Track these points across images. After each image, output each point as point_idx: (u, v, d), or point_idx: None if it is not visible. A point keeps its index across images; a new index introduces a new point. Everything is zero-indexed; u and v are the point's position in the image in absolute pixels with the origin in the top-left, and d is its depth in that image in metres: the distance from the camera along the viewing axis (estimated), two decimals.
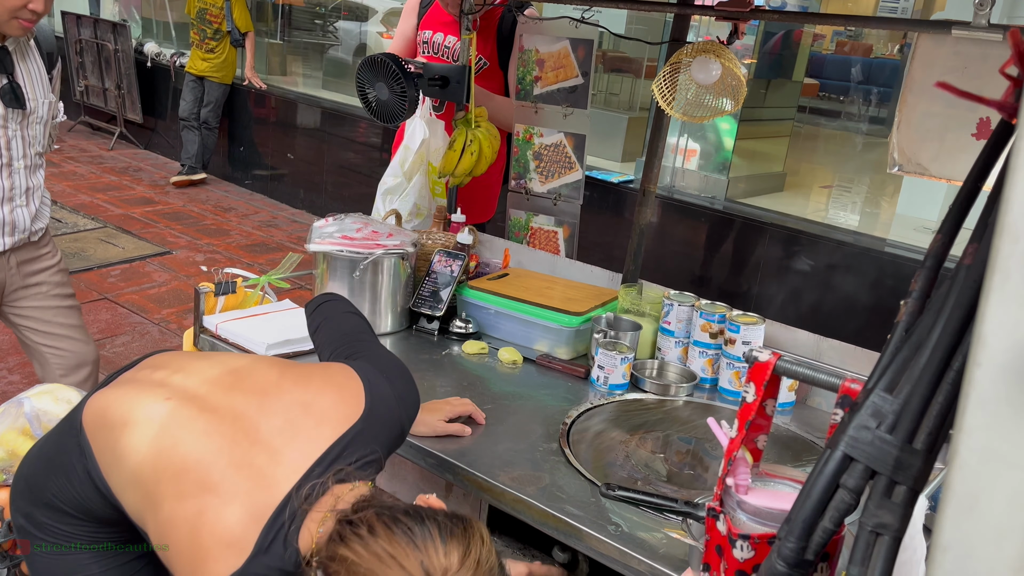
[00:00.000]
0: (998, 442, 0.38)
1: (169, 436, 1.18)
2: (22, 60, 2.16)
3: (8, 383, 3.53)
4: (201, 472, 1.13)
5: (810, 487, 0.75)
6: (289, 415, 1.20)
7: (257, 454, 1.15)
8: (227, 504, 1.10)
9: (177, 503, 1.12)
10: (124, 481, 1.21)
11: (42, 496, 1.34)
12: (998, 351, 0.37)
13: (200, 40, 6.61)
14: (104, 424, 1.27)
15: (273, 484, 1.12)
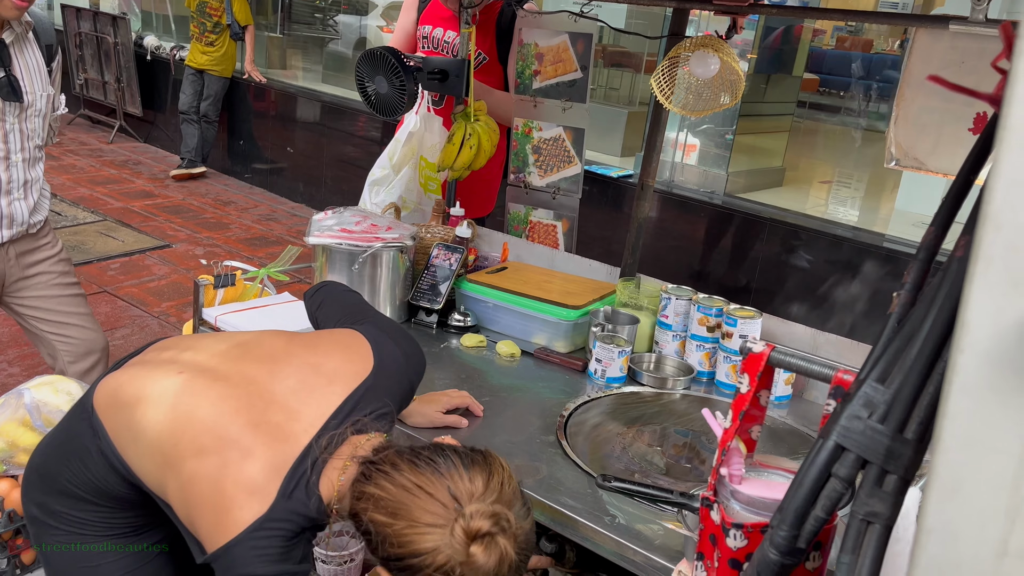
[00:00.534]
0: (981, 427, 0.39)
1: (184, 404, 1.21)
2: (20, 53, 2.15)
3: (8, 375, 3.54)
4: (220, 430, 1.16)
5: (802, 476, 0.76)
6: (301, 376, 1.24)
7: (274, 413, 1.18)
8: (248, 456, 1.13)
9: (198, 460, 1.14)
10: (142, 453, 1.23)
11: (56, 483, 1.34)
12: (981, 337, 0.38)
13: (200, 33, 6.61)
14: (117, 404, 1.29)
15: (292, 437, 1.16)
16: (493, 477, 1.10)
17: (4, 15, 2.06)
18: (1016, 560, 0.39)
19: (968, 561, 0.40)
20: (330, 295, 1.63)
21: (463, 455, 1.12)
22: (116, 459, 1.27)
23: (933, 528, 0.41)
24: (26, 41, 2.18)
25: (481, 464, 1.11)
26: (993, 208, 0.37)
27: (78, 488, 1.32)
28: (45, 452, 1.40)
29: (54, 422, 1.74)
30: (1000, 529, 0.39)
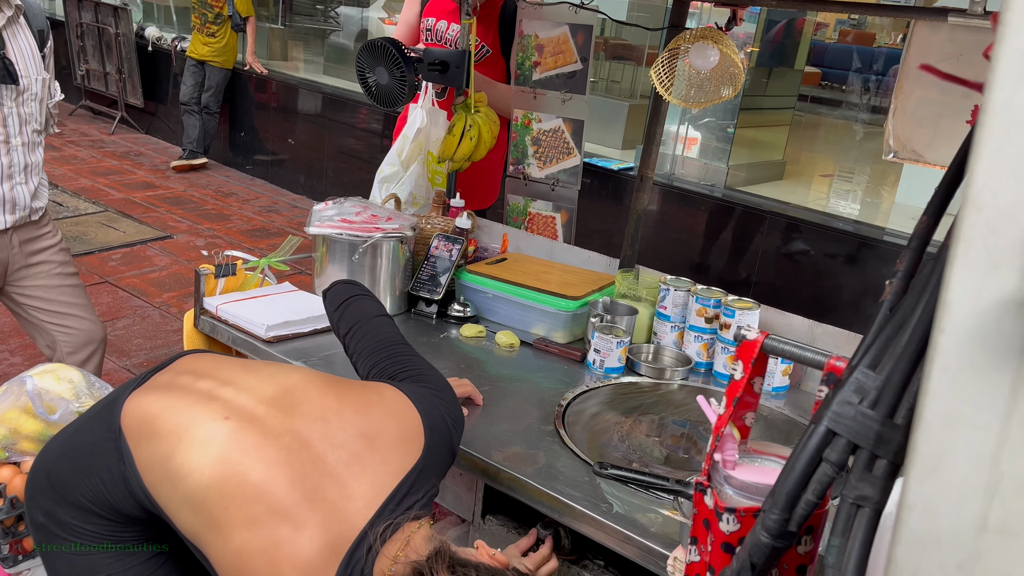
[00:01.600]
0: (961, 404, 0.39)
1: (235, 462, 1.16)
2: (12, 38, 2.17)
3: (10, 364, 3.55)
4: (274, 501, 1.12)
5: (794, 461, 0.77)
6: (355, 448, 1.20)
7: (329, 487, 1.14)
8: (303, 534, 1.09)
9: (250, 532, 1.10)
10: (179, 500, 1.19)
11: (68, 496, 1.30)
12: (961, 317, 0.39)
13: (201, 24, 6.61)
14: (150, 434, 1.25)
15: (348, 518, 1.12)
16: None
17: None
18: (995, 535, 0.40)
19: (948, 536, 0.41)
20: (362, 323, 1.57)
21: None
22: (142, 492, 1.23)
23: (914, 504, 0.42)
24: (18, 26, 2.19)
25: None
26: (974, 190, 0.37)
27: (92, 503, 1.29)
28: (60, 460, 1.34)
29: (56, 409, 1.75)
30: (979, 505, 0.40)
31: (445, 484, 1.70)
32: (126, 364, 3.72)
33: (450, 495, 1.70)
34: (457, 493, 1.68)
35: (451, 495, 1.70)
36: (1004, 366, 0.38)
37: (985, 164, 0.37)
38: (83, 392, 1.84)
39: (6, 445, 1.76)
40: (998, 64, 0.36)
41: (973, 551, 0.41)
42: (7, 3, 2.14)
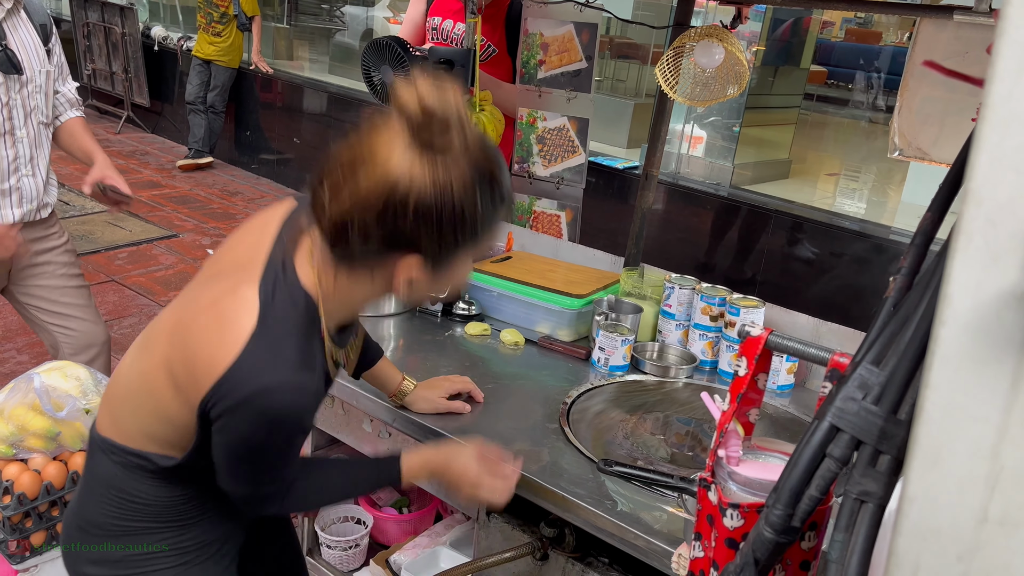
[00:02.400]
0: (961, 396, 0.40)
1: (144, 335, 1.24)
2: (14, 29, 2.19)
3: (17, 363, 3.57)
4: (181, 301, 1.19)
5: (797, 456, 0.77)
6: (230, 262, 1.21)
7: (227, 270, 1.17)
8: (216, 290, 1.12)
9: (178, 312, 1.17)
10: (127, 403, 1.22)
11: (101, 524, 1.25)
12: (962, 310, 0.39)
13: (207, 24, 6.62)
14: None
15: (250, 263, 1.13)
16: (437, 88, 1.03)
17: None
18: (995, 526, 0.40)
19: (949, 528, 0.41)
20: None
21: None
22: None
23: (915, 496, 0.42)
24: (18, 19, 2.21)
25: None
26: (974, 184, 0.38)
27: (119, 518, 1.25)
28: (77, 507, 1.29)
29: (63, 406, 1.76)
30: (980, 496, 0.40)
31: None
32: None
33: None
34: None
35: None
36: (1004, 358, 0.38)
37: (985, 158, 0.37)
38: (90, 389, 1.85)
39: (14, 442, 1.77)
40: (998, 58, 0.36)
41: (973, 542, 0.41)
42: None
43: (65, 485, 1.80)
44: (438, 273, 1.10)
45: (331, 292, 1.12)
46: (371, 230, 1.02)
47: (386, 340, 2.06)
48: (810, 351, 0.84)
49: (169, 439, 1.17)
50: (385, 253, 1.06)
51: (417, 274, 1.08)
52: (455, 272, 1.12)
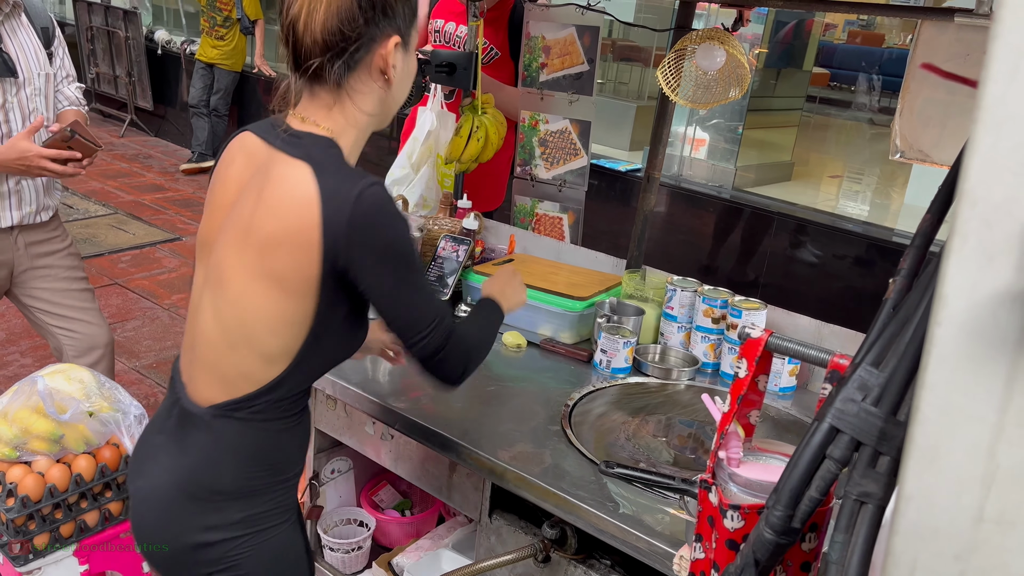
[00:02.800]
0: (957, 396, 0.40)
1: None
2: (12, 33, 2.20)
3: (20, 366, 3.58)
4: (232, 218, 1.24)
5: (797, 458, 0.77)
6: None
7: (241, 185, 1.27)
8: (261, 180, 1.22)
9: (232, 236, 1.22)
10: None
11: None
12: (957, 310, 0.39)
13: (210, 27, 6.64)
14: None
15: (264, 157, 1.24)
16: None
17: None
18: (992, 525, 0.40)
19: (946, 527, 0.42)
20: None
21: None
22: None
23: (912, 495, 0.42)
24: (18, 23, 2.23)
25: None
26: (968, 185, 0.38)
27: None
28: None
29: (67, 409, 1.77)
30: (976, 496, 0.40)
31: (452, 483, 1.71)
32: (136, 365, 3.74)
33: (457, 494, 1.71)
34: (464, 492, 1.69)
35: (458, 494, 1.71)
36: (1000, 358, 0.39)
37: (979, 159, 0.38)
38: (93, 392, 1.85)
39: (17, 445, 1.78)
40: (992, 60, 0.37)
41: (970, 542, 0.41)
42: (5, 1, 2.18)
43: (68, 488, 1.80)
44: (407, 51, 1.24)
45: (341, 126, 1.23)
46: (357, 22, 1.15)
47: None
48: (810, 353, 0.84)
49: (273, 354, 1.21)
50: (372, 42, 1.18)
51: (399, 54, 1.21)
52: (412, 55, 1.26)
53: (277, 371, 1.22)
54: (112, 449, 1.88)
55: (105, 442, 1.88)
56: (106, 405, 1.85)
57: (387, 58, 1.19)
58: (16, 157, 2.09)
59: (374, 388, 1.77)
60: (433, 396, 1.76)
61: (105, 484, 1.87)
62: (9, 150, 2.09)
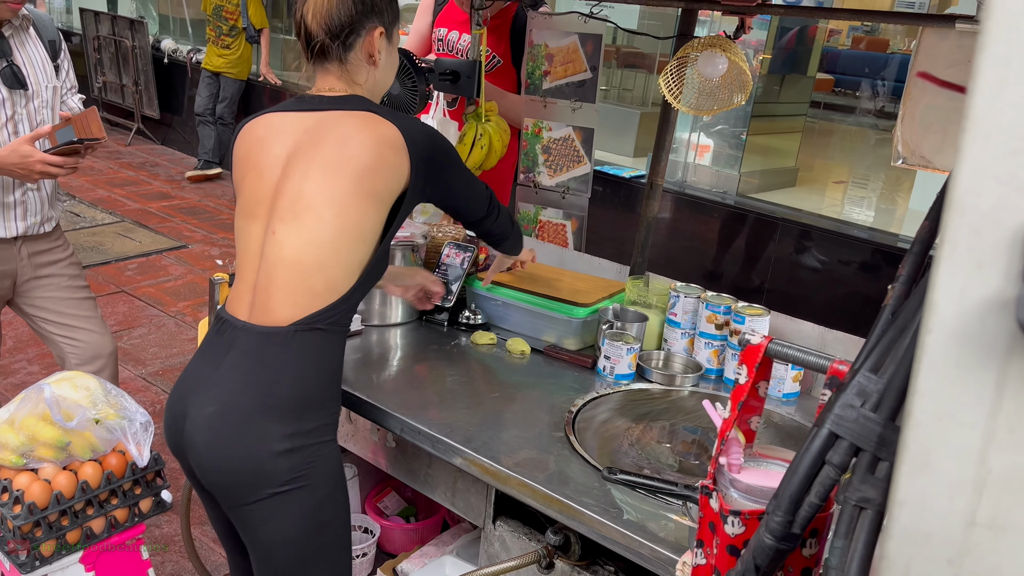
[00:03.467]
0: (948, 402, 0.40)
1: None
2: (21, 46, 2.23)
3: (27, 374, 3.60)
4: (300, 160, 1.53)
5: (797, 464, 0.77)
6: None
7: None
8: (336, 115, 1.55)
9: (314, 165, 1.50)
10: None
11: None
12: (947, 316, 0.40)
13: (216, 36, 6.68)
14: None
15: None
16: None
17: (1, 16, 2.16)
18: (983, 529, 0.41)
19: (938, 531, 0.42)
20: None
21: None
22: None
23: (905, 500, 0.43)
24: (27, 36, 2.25)
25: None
26: (957, 194, 0.39)
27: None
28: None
29: (73, 416, 1.78)
30: (968, 500, 0.41)
31: (456, 489, 1.71)
32: (142, 372, 3.76)
33: (461, 501, 1.71)
34: (468, 499, 1.69)
35: (462, 501, 1.71)
36: (989, 364, 0.39)
37: (968, 168, 0.38)
38: (99, 399, 1.86)
39: (24, 452, 1.79)
40: (979, 72, 0.37)
41: (962, 546, 0.41)
42: (15, 14, 2.20)
43: (75, 495, 1.81)
44: (390, 42, 1.57)
45: (362, 92, 1.56)
46: (352, 14, 1.49)
47: (393, 349, 2.07)
48: (810, 359, 0.85)
49: (354, 263, 1.47)
50: (359, 27, 1.50)
51: (383, 42, 1.54)
52: (395, 46, 1.61)
53: (354, 279, 1.47)
54: (118, 456, 1.89)
55: (111, 449, 1.89)
56: (112, 412, 1.86)
57: (374, 43, 1.52)
58: (17, 161, 2.10)
59: (378, 395, 1.78)
60: (438, 403, 1.76)
61: (111, 491, 1.88)
62: (11, 154, 2.10)
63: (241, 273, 1.55)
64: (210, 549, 2.66)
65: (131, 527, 1.93)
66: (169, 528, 2.73)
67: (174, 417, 1.51)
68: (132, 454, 1.87)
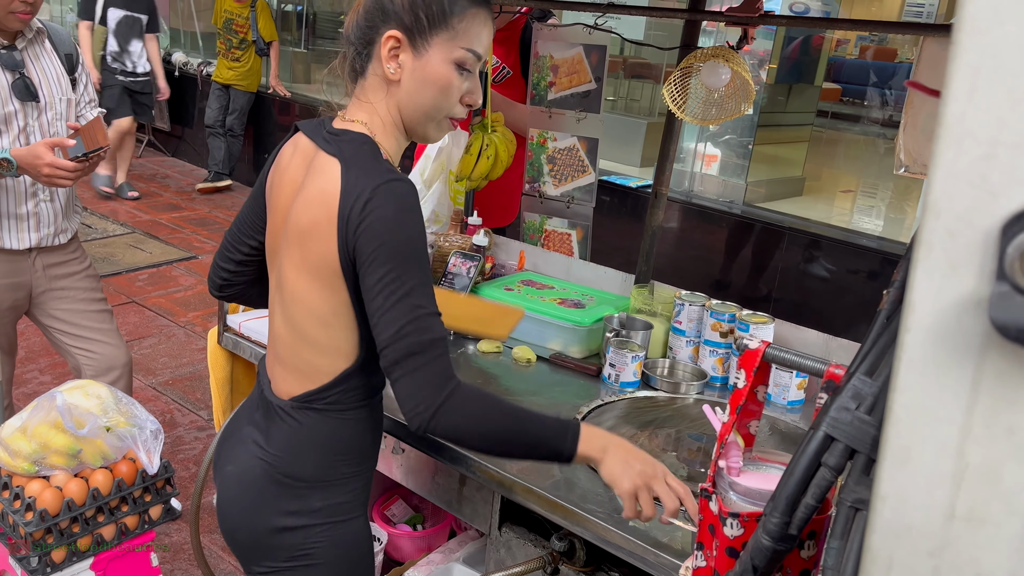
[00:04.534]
0: (926, 399, 0.42)
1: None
2: (35, 59, 2.26)
3: (39, 383, 3.63)
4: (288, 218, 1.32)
5: (793, 466, 0.79)
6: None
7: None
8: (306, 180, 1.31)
9: (287, 235, 1.30)
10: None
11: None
12: (924, 316, 0.41)
13: (227, 49, 6.75)
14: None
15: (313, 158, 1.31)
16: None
17: (10, 27, 2.20)
18: (962, 522, 0.42)
19: (919, 524, 0.43)
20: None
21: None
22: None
23: (887, 495, 0.44)
24: (42, 49, 2.28)
25: None
26: (932, 197, 0.40)
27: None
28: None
29: (85, 424, 1.80)
30: (947, 494, 0.42)
31: (463, 496, 1.73)
32: (152, 382, 3.79)
33: (468, 508, 1.73)
34: (474, 505, 1.71)
35: (468, 508, 1.72)
36: (965, 362, 0.40)
37: (942, 173, 0.40)
38: (110, 407, 1.88)
39: (36, 459, 1.81)
40: (951, 80, 0.39)
41: (943, 538, 0.43)
42: (28, 27, 2.24)
43: (86, 502, 1.83)
44: (418, 56, 1.24)
45: (376, 122, 1.30)
46: (364, 13, 1.26)
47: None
48: (806, 363, 0.86)
49: (334, 346, 1.27)
50: (373, 32, 1.25)
51: (403, 52, 1.24)
52: (434, 62, 1.25)
53: (346, 363, 1.28)
54: (128, 464, 1.91)
55: (122, 457, 1.91)
56: (123, 420, 1.89)
57: (384, 51, 1.25)
58: (31, 161, 2.13)
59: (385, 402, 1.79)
60: None
61: (121, 498, 1.90)
62: (27, 153, 2.13)
63: (268, 322, 1.43)
64: (219, 557, 2.68)
65: (141, 534, 1.95)
66: (179, 536, 2.75)
67: (214, 461, 1.51)
68: (142, 461, 1.90)
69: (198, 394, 3.71)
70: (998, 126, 0.38)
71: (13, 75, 2.19)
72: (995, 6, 0.37)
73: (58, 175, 2.15)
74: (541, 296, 2.20)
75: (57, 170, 2.13)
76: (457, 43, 1.25)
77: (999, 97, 0.38)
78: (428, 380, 1.14)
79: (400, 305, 1.14)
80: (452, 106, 1.29)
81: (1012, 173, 0.38)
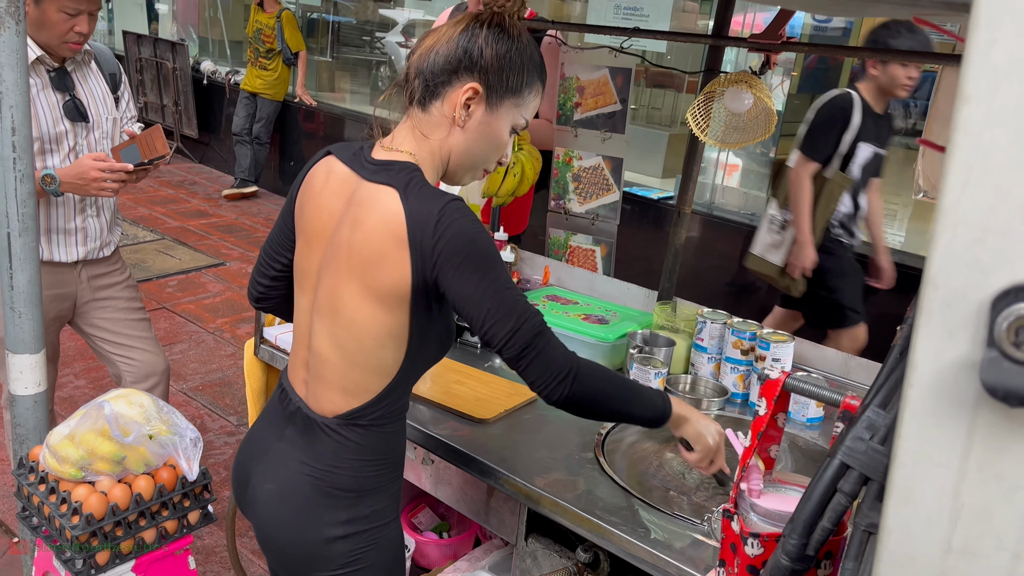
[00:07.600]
0: (927, 446, 0.48)
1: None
2: (84, 80, 2.36)
3: (75, 387, 3.73)
4: (333, 245, 1.37)
5: (811, 491, 0.84)
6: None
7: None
8: (356, 210, 1.34)
9: (335, 258, 1.35)
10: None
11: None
12: (925, 373, 0.47)
13: (255, 58, 6.87)
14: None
15: (356, 190, 1.36)
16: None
17: (63, 55, 2.30)
18: (958, 556, 0.48)
19: (920, 557, 0.49)
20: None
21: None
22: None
23: (892, 529, 0.50)
24: (88, 70, 2.38)
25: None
26: (932, 273, 0.46)
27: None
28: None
29: (130, 432, 1.88)
30: (945, 530, 0.48)
31: (490, 507, 1.79)
32: (182, 387, 3.88)
33: (495, 518, 1.79)
34: (501, 516, 1.77)
35: (495, 518, 1.79)
36: (960, 415, 0.46)
37: (940, 252, 0.46)
38: (153, 416, 1.96)
39: (83, 465, 1.89)
40: (948, 174, 0.45)
41: (941, 569, 0.49)
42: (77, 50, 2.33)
43: (129, 506, 1.91)
44: (490, 112, 1.32)
45: (424, 153, 1.35)
46: (447, 54, 1.30)
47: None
48: (824, 393, 0.92)
49: (384, 366, 1.35)
50: (453, 77, 1.30)
51: (477, 105, 1.31)
52: (500, 122, 1.34)
53: (388, 380, 1.36)
54: (169, 470, 1.99)
55: (163, 463, 1.99)
56: (164, 428, 1.96)
57: (459, 99, 1.30)
58: (77, 174, 2.22)
59: (416, 415, 1.86)
60: (472, 424, 1.84)
61: (162, 503, 1.98)
62: (73, 168, 2.22)
63: (296, 341, 1.48)
64: (250, 560, 2.76)
65: (180, 538, 2.03)
66: (210, 539, 2.83)
67: (238, 480, 1.55)
68: (183, 468, 1.97)
69: (227, 399, 3.80)
70: (988, 214, 0.44)
71: (63, 97, 2.29)
72: (986, 112, 0.43)
73: (104, 179, 2.22)
74: (566, 312, 2.26)
75: (103, 173, 2.21)
76: (521, 111, 1.36)
77: (988, 190, 0.44)
78: (554, 358, 1.28)
79: (507, 301, 1.25)
80: (494, 161, 1.40)
81: (1001, 255, 0.44)
